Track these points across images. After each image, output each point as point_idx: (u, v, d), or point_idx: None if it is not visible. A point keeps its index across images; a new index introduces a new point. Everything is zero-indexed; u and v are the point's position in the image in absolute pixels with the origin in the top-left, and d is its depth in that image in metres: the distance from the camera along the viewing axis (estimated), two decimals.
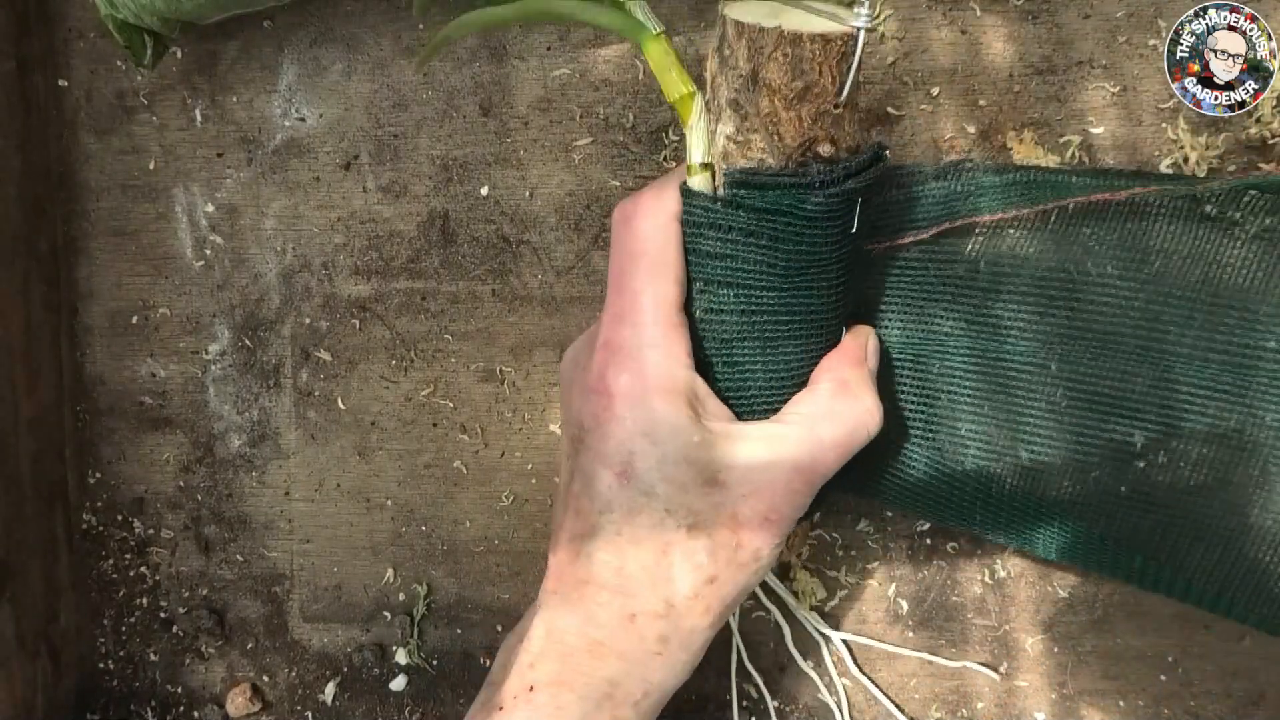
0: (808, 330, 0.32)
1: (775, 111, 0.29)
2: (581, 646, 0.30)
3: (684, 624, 0.31)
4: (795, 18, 0.29)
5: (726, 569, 0.31)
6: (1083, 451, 0.33)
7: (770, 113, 0.29)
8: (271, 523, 0.44)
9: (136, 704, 0.45)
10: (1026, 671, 0.40)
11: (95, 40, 0.42)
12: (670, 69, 0.31)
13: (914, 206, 0.34)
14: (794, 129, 0.29)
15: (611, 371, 0.30)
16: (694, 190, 0.31)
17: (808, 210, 0.30)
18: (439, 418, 0.42)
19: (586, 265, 0.41)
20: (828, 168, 0.29)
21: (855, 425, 0.32)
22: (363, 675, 0.44)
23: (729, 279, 0.31)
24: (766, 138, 0.29)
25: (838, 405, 0.32)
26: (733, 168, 0.30)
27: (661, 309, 0.31)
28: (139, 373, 0.44)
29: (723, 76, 0.30)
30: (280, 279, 0.43)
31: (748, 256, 0.31)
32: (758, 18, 0.29)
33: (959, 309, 0.34)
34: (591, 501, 0.31)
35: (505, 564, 0.43)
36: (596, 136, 0.40)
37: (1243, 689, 0.39)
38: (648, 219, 0.31)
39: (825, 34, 0.28)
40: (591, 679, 0.30)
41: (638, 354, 0.30)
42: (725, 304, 0.32)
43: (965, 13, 0.38)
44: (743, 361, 0.32)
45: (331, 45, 0.41)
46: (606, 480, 0.30)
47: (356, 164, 0.42)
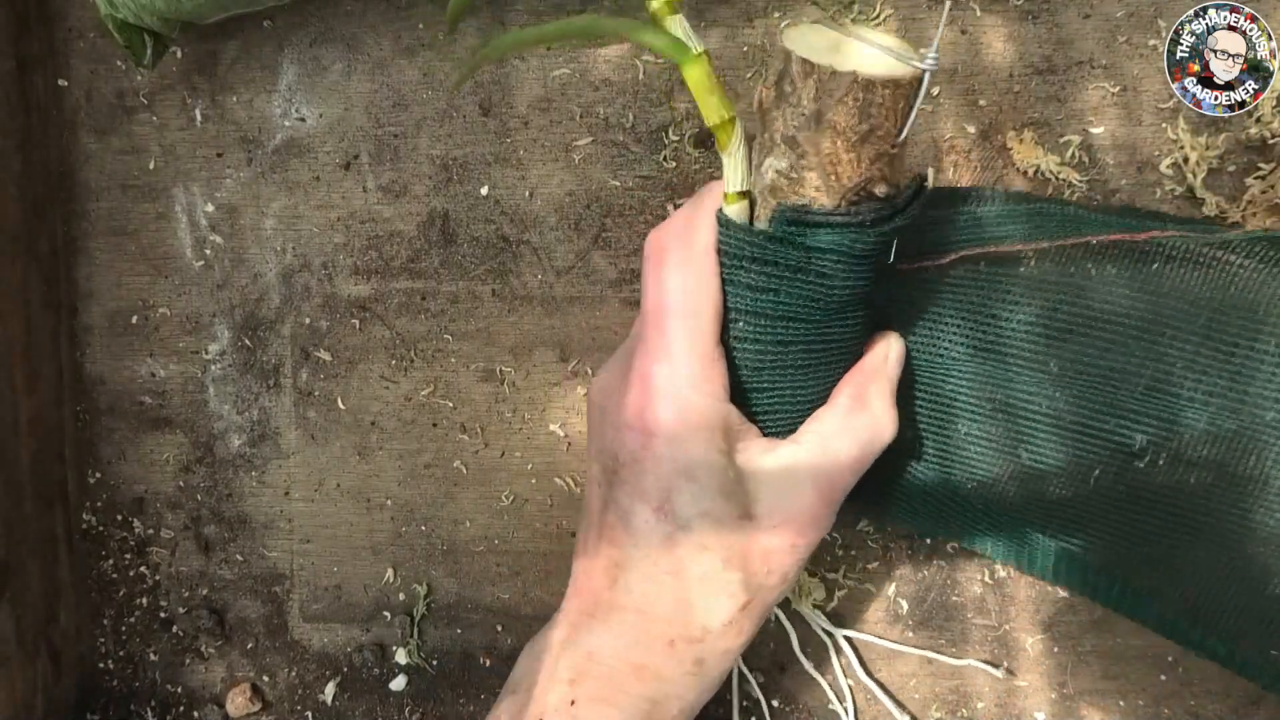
0: (840, 355, 0.33)
1: (836, 153, 0.28)
2: (623, 669, 0.32)
3: (719, 646, 0.32)
4: (855, 52, 0.28)
5: (758, 593, 0.32)
6: (1083, 453, 0.33)
7: (831, 154, 0.28)
8: (271, 523, 0.44)
9: (136, 704, 0.45)
10: (1026, 671, 0.40)
11: (95, 40, 0.42)
12: (712, 92, 0.30)
13: (936, 230, 0.34)
14: (852, 170, 0.28)
15: (650, 411, 0.31)
16: (733, 221, 0.31)
17: (858, 249, 0.29)
18: (439, 418, 0.42)
19: (586, 265, 0.41)
20: (879, 206, 0.29)
21: (870, 438, 0.32)
22: (363, 675, 0.44)
23: (768, 311, 0.31)
24: (823, 177, 0.29)
25: (852, 420, 0.32)
26: (784, 204, 0.30)
27: (699, 346, 0.31)
28: (139, 373, 0.44)
29: (779, 111, 0.29)
30: (280, 279, 0.43)
31: (791, 291, 0.30)
32: (816, 49, 0.28)
33: (967, 321, 0.34)
34: (629, 534, 0.32)
35: (505, 564, 0.43)
36: (596, 136, 0.40)
37: (1243, 689, 0.39)
38: (683, 253, 0.31)
39: (896, 78, 0.27)
40: (633, 697, 0.31)
41: (677, 393, 0.31)
42: (762, 334, 0.32)
43: (965, 13, 0.38)
44: (773, 387, 0.33)
45: (331, 45, 0.41)
46: (644, 515, 0.31)
47: (356, 164, 0.42)
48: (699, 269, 0.31)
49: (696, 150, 0.40)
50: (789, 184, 0.29)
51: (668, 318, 0.31)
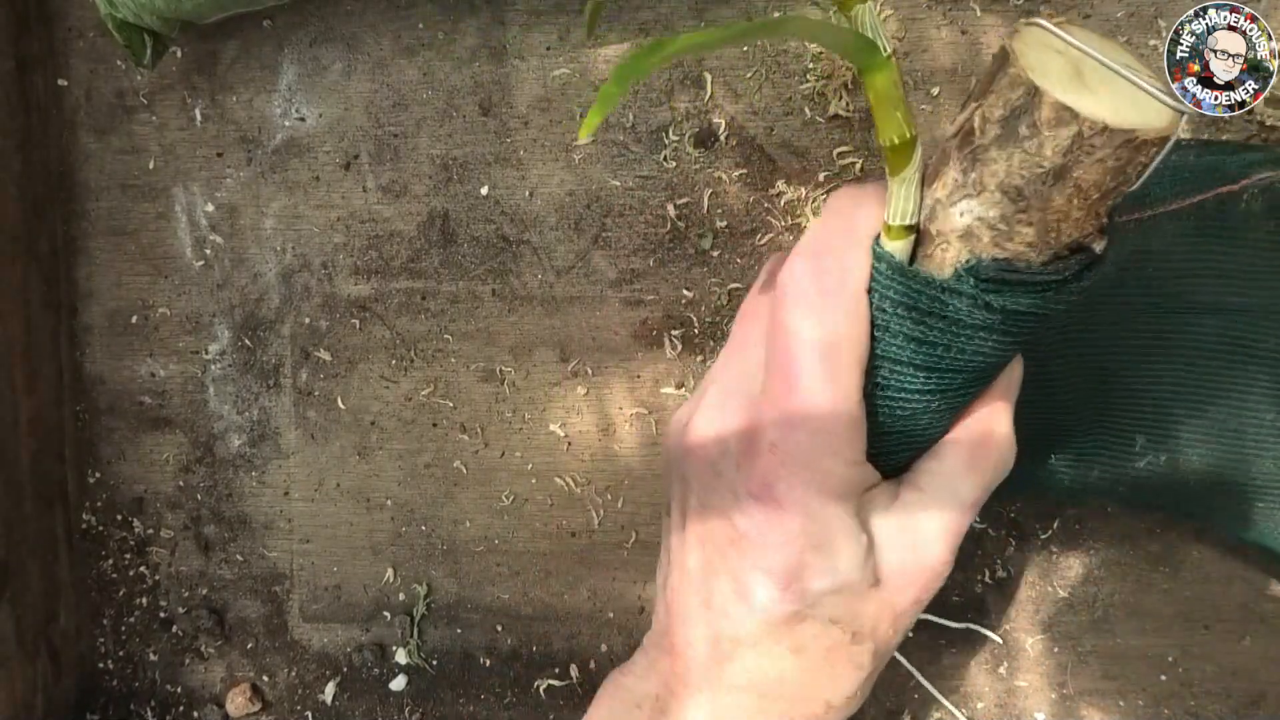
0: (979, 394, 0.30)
1: (1068, 211, 0.24)
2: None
3: (839, 716, 0.30)
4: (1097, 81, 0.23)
5: (883, 658, 0.30)
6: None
7: (1061, 211, 0.24)
8: (271, 522, 0.44)
9: (136, 704, 0.45)
10: (1026, 671, 0.40)
11: (95, 40, 0.42)
12: (897, 105, 0.25)
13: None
14: (1078, 227, 0.24)
15: (784, 483, 0.28)
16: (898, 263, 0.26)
17: (1053, 308, 0.26)
18: (439, 418, 0.42)
19: (586, 265, 0.41)
20: (1084, 258, 0.25)
21: (996, 475, 0.30)
22: (363, 675, 0.44)
23: (922, 363, 0.27)
24: (1041, 234, 0.24)
25: (979, 458, 0.29)
26: (982, 258, 0.25)
27: (842, 406, 0.27)
28: (139, 372, 0.44)
29: (1003, 153, 0.24)
30: (280, 279, 0.43)
31: (965, 348, 0.26)
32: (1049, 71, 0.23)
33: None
34: (748, 609, 0.29)
35: (505, 564, 0.43)
36: (596, 136, 0.40)
37: (1243, 689, 0.39)
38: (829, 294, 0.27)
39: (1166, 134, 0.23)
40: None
41: (815, 464, 0.27)
42: (907, 383, 0.28)
43: (965, 13, 0.38)
44: (904, 431, 0.29)
45: (331, 45, 0.41)
46: (769, 591, 0.28)
47: (356, 164, 0.42)
48: (849, 314, 0.27)
49: (696, 150, 0.40)
50: (993, 235, 0.25)
51: (809, 379, 0.27)
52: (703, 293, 0.40)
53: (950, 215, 0.25)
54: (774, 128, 0.39)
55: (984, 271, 0.25)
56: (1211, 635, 0.39)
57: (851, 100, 0.38)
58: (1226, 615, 0.39)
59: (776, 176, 0.39)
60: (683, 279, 0.40)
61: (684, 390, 0.41)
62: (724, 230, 0.40)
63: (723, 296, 0.40)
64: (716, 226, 0.40)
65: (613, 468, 0.41)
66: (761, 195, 0.39)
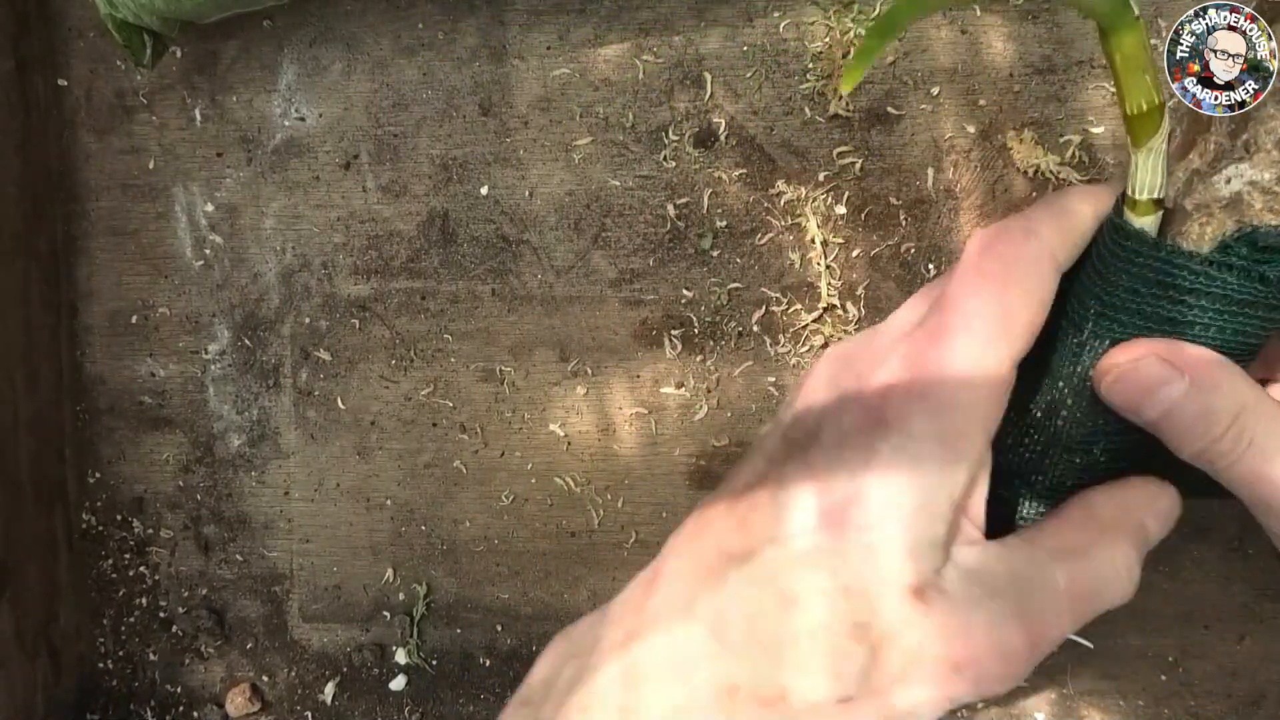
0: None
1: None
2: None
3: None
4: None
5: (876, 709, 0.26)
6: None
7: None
8: (271, 522, 0.44)
9: (136, 704, 0.45)
10: None
11: (95, 40, 0.42)
12: (1146, 68, 0.24)
13: None
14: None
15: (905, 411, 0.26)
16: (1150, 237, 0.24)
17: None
18: (439, 417, 0.42)
19: (586, 265, 0.41)
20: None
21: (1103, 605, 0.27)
22: (362, 675, 0.44)
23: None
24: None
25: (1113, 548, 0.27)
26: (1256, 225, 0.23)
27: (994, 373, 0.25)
28: (139, 372, 0.44)
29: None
30: (280, 279, 0.43)
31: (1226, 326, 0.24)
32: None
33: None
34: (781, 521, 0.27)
35: (505, 564, 0.43)
36: (596, 136, 0.40)
37: (1243, 689, 0.39)
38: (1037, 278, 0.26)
39: None
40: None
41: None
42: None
43: (965, 13, 0.38)
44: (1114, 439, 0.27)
45: (331, 45, 0.41)
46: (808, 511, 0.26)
47: (356, 164, 0.42)
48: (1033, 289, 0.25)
49: (696, 150, 0.40)
50: (1267, 200, 0.23)
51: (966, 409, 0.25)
52: (703, 292, 0.40)
53: (1213, 185, 0.24)
54: (774, 127, 0.39)
55: (1262, 239, 0.23)
56: (1211, 635, 0.39)
57: (851, 100, 0.38)
58: (1226, 615, 0.39)
59: (776, 176, 0.39)
60: (682, 279, 0.40)
61: (684, 390, 0.41)
62: (724, 230, 0.40)
63: (723, 296, 0.40)
64: (716, 226, 0.40)
65: (612, 468, 0.42)
66: (761, 195, 0.39)
